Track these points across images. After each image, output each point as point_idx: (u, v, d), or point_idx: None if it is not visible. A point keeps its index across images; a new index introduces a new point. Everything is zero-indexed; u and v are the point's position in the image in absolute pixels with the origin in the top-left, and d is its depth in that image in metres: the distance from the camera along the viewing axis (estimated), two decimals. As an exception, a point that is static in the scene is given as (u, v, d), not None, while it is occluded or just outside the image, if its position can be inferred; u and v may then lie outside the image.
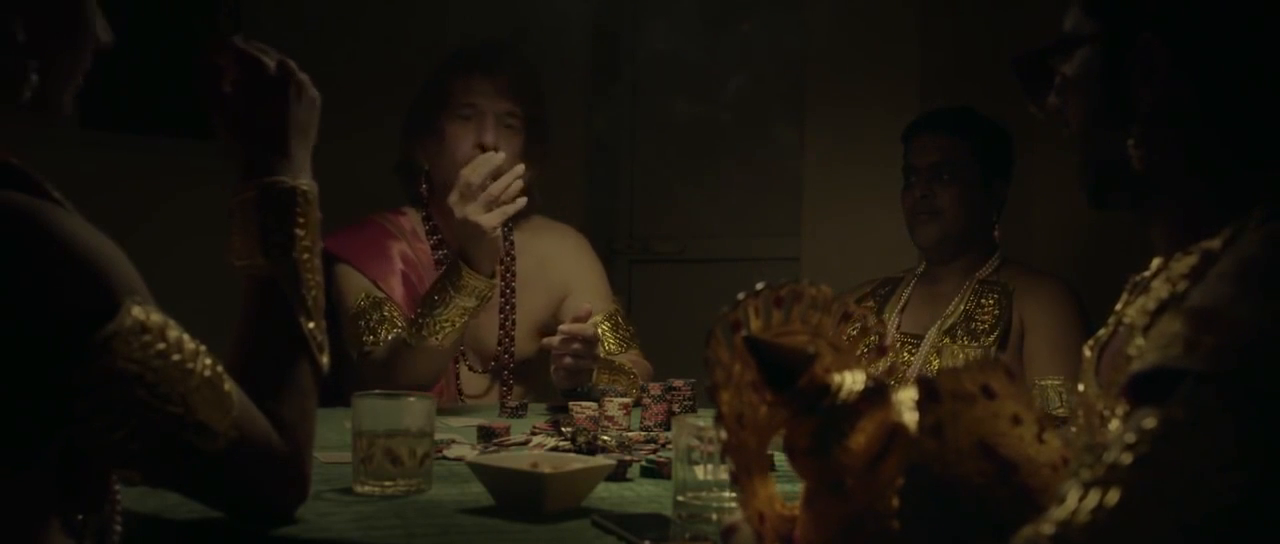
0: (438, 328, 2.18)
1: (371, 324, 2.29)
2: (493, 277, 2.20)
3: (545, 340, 2.25)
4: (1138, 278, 1.09)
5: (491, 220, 2.15)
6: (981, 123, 2.50)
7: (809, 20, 3.45)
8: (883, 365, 0.99)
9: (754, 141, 3.78)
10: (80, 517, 1.09)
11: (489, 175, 2.16)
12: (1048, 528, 0.74)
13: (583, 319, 2.20)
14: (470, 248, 2.17)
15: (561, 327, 2.21)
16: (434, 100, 2.39)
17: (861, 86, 3.28)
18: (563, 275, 2.53)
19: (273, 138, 1.30)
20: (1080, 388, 1.11)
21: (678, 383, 2.07)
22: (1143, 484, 0.73)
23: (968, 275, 2.49)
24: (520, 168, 2.19)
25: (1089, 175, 1.08)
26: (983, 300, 2.43)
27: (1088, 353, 1.13)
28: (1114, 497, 0.73)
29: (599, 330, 2.41)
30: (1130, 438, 0.75)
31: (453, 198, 2.16)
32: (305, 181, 1.31)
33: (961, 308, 2.44)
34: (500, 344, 2.46)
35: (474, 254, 2.17)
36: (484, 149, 2.31)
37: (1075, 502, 0.74)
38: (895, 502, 0.81)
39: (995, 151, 2.50)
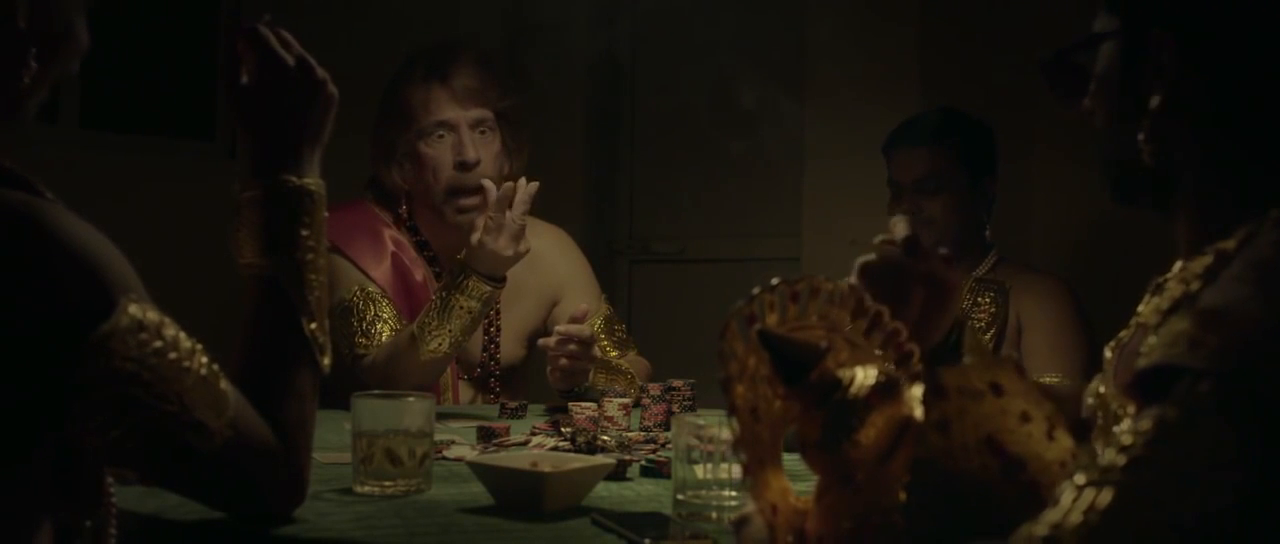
0: (443, 333, 2.16)
1: (365, 324, 2.28)
2: (502, 281, 2.19)
3: (541, 341, 2.24)
4: (1160, 279, 1.09)
5: (528, 242, 2.15)
6: (960, 125, 2.47)
7: (809, 20, 3.45)
8: (898, 359, 0.99)
9: (754, 142, 3.78)
10: (76, 521, 1.09)
11: (525, 205, 2.13)
12: (1041, 529, 0.74)
13: (579, 319, 2.19)
14: (495, 266, 2.15)
15: (558, 327, 2.20)
16: (399, 121, 2.32)
17: (862, 87, 3.28)
18: (553, 279, 2.49)
19: (284, 135, 1.29)
20: (1100, 389, 1.11)
21: (677, 383, 2.07)
22: (1135, 485, 0.73)
23: (965, 275, 2.48)
24: (535, 185, 2.17)
25: (1110, 172, 1.08)
26: (980, 298, 2.43)
27: (1108, 354, 1.13)
28: (1106, 497, 0.73)
29: (594, 333, 2.40)
30: (1126, 439, 0.75)
31: (498, 241, 2.12)
32: (313, 181, 1.30)
33: (961, 308, 2.44)
34: (485, 350, 2.43)
35: (496, 268, 2.15)
36: (466, 165, 2.28)
37: (1069, 502, 0.74)
38: (903, 496, 0.81)
39: (979, 151, 2.48)
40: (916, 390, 0.87)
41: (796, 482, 0.97)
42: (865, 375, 0.90)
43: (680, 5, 3.90)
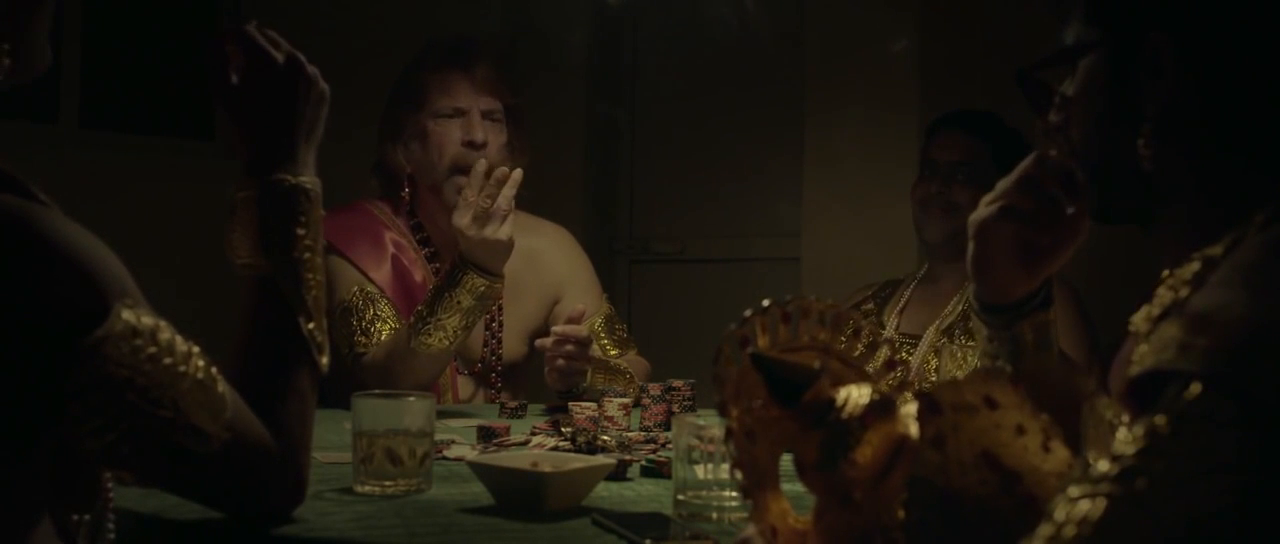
0: (440, 329, 2.16)
1: (365, 323, 2.28)
2: (499, 277, 2.18)
3: (538, 342, 2.24)
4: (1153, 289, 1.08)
5: (507, 232, 2.14)
6: (1006, 130, 2.49)
7: (809, 20, 3.45)
8: (893, 379, 0.99)
9: (754, 142, 3.78)
10: (74, 517, 1.09)
11: (493, 193, 2.13)
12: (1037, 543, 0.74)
13: (576, 320, 2.19)
14: (486, 259, 2.15)
15: (554, 328, 2.20)
16: (411, 102, 2.34)
17: (861, 86, 3.28)
18: (554, 277, 2.49)
19: (277, 133, 1.28)
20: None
21: (677, 383, 2.07)
22: (1126, 494, 0.73)
23: (967, 276, 2.48)
24: (518, 174, 2.17)
25: (1094, 186, 1.08)
26: (984, 299, 2.42)
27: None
28: (1098, 508, 0.72)
29: (594, 332, 2.40)
30: (1118, 447, 0.75)
31: (462, 220, 2.12)
32: (309, 179, 1.29)
33: (960, 308, 2.44)
34: (486, 346, 2.43)
35: (488, 261, 2.15)
36: (474, 145, 2.29)
37: (1063, 515, 0.74)
38: (902, 514, 0.81)
39: (1015, 161, 2.48)
40: (911, 408, 0.87)
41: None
42: (859, 394, 0.90)
43: (680, 7, 3.90)
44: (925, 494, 0.80)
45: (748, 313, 0.92)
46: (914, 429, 0.85)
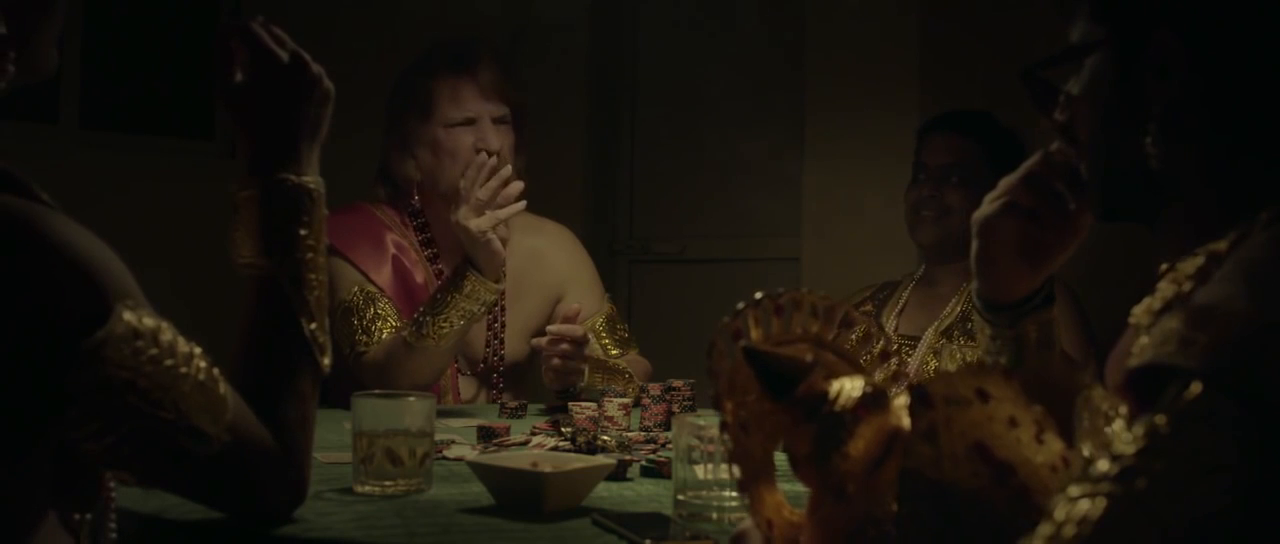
0: (438, 329, 2.17)
1: (365, 322, 2.28)
2: (497, 282, 2.19)
3: (534, 341, 2.25)
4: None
5: (482, 224, 2.14)
6: (998, 129, 2.48)
7: (810, 20, 3.45)
8: (888, 372, 0.99)
9: (754, 142, 3.78)
10: (76, 516, 1.09)
11: (480, 181, 2.15)
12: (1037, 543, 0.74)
13: (572, 319, 2.19)
14: (470, 253, 2.16)
15: (550, 327, 2.20)
16: (419, 111, 2.34)
17: (861, 86, 3.28)
18: (556, 276, 2.50)
19: (280, 132, 1.27)
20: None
21: (677, 383, 2.07)
22: (1126, 494, 0.73)
23: (965, 277, 2.48)
24: (507, 170, 2.18)
25: (1100, 185, 1.08)
26: (980, 298, 2.42)
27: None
28: (1098, 508, 0.72)
29: (595, 332, 2.40)
30: (1118, 446, 0.75)
31: (456, 212, 2.16)
32: (312, 179, 1.28)
33: (958, 309, 2.44)
34: (489, 345, 2.44)
35: (476, 259, 2.16)
36: (490, 154, 2.29)
37: (1063, 515, 0.74)
38: (894, 506, 0.81)
39: (1009, 160, 2.48)
40: (903, 400, 0.87)
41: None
42: (852, 387, 0.90)
43: (681, 6, 3.90)
44: (918, 487, 0.80)
45: (740, 306, 0.92)
46: (906, 422, 0.85)
